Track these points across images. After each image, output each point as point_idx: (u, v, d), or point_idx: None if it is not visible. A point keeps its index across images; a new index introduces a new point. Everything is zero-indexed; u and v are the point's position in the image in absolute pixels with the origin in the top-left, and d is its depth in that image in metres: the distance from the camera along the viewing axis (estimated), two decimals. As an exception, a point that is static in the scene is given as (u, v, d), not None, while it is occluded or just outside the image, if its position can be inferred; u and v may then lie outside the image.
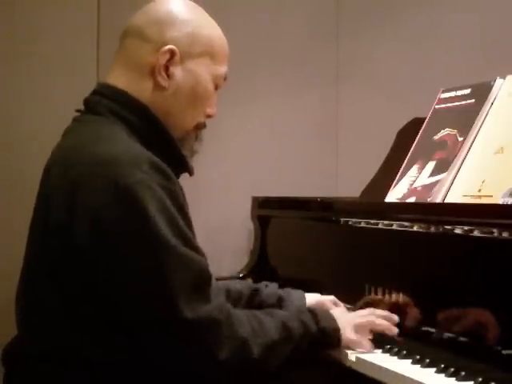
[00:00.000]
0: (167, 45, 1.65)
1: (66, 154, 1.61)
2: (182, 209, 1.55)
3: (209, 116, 1.74)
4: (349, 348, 1.71)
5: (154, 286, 1.47)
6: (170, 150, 1.65)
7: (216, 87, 1.73)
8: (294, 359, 1.63)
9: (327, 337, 1.68)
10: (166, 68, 1.65)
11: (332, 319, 1.71)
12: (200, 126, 1.74)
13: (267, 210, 2.66)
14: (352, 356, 1.69)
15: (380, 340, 1.74)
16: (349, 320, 1.74)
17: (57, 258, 1.53)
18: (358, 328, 1.73)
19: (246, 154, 3.07)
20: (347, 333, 1.71)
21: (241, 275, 2.55)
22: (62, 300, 1.53)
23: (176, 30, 1.66)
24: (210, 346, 1.49)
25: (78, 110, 1.72)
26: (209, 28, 1.71)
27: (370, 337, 1.74)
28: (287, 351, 1.61)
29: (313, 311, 1.70)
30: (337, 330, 1.69)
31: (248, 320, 1.57)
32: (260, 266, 2.59)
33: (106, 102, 1.64)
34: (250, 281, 2.15)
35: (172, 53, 1.65)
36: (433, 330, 1.73)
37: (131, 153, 1.54)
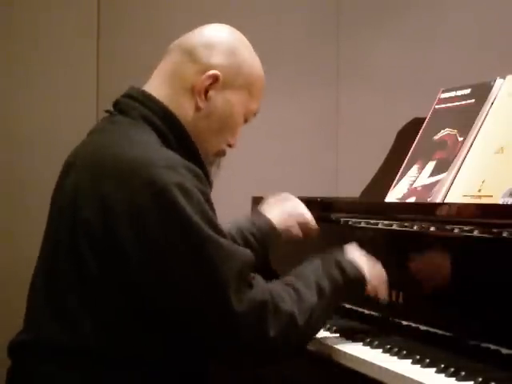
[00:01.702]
0: (213, 69, 1.70)
1: (98, 152, 1.63)
2: (213, 210, 1.60)
3: (230, 145, 1.80)
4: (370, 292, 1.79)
5: (205, 280, 1.52)
6: (195, 162, 1.67)
7: (245, 121, 1.80)
8: (328, 313, 1.71)
9: (353, 287, 1.75)
10: (206, 91, 1.70)
11: (357, 268, 1.76)
12: (220, 153, 1.80)
13: (267, 210, 2.65)
14: (352, 356, 1.69)
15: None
16: (369, 266, 1.80)
17: (87, 255, 1.54)
18: (375, 276, 1.81)
19: (246, 154, 3.06)
20: (369, 279, 1.77)
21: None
22: (89, 297, 1.54)
23: (224, 59, 1.72)
24: (260, 327, 1.55)
25: (106, 111, 1.75)
26: (253, 64, 1.78)
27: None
28: (324, 310, 1.67)
29: (339, 263, 1.74)
30: (362, 278, 1.76)
31: (286, 291, 1.63)
32: (260, 267, 2.58)
33: (139, 107, 1.68)
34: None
35: (215, 78, 1.70)
36: (433, 329, 1.74)
37: (166, 155, 1.59)
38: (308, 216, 2.07)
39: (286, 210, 2.06)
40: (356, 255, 1.80)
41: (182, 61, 1.72)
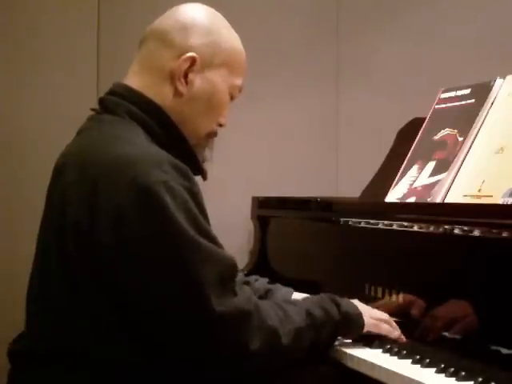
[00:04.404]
0: (189, 52, 1.67)
1: (84, 152, 1.61)
2: (203, 209, 1.56)
3: (220, 125, 1.77)
4: (370, 331, 1.73)
5: (183, 283, 1.48)
6: (186, 155, 1.66)
7: (231, 98, 1.76)
8: (319, 346, 1.65)
9: (351, 321, 1.70)
10: (185, 75, 1.68)
11: (354, 305, 1.73)
12: (211, 135, 1.77)
13: (267, 210, 2.66)
14: (352, 356, 1.69)
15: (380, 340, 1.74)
16: (366, 308, 1.76)
17: (74, 257, 1.53)
18: (374, 316, 1.76)
19: (246, 154, 3.07)
20: (367, 317, 1.73)
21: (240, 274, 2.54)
22: (77, 299, 1.53)
23: (199, 39, 1.69)
24: (241, 337, 1.50)
25: (92, 109, 1.73)
26: (231, 40, 1.74)
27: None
28: (312, 338, 1.62)
29: (334, 298, 1.71)
30: (360, 314, 1.71)
31: (273, 309, 1.59)
32: (260, 266, 2.59)
33: (125, 104, 1.66)
34: (265, 280, 2.14)
35: (193, 60, 1.67)
36: (433, 330, 1.74)
37: (152, 153, 1.56)
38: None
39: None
40: (354, 300, 1.76)
41: (157, 47, 1.69)
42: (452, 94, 2.14)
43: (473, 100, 2.04)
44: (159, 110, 1.66)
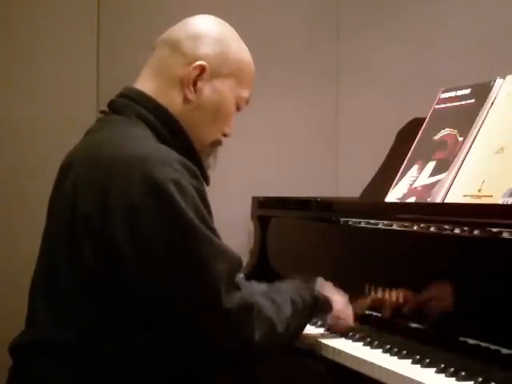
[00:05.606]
0: (199, 60, 1.71)
1: (93, 151, 1.64)
2: (209, 208, 1.61)
3: (225, 135, 1.80)
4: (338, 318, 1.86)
5: (196, 277, 1.52)
6: (193, 160, 1.68)
7: (237, 109, 1.80)
8: (298, 330, 1.74)
9: (320, 304, 1.80)
10: (195, 82, 1.71)
11: (323, 295, 1.83)
12: (216, 143, 1.80)
13: (267, 209, 2.66)
14: (352, 356, 1.69)
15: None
16: (337, 296, 1.87)
17: (85, 252, 1.55)
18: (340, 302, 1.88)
19: (246, 154, 3.07)
20: (336, 305, 1.85)
21: (241, 275, 2.54)
22: (88, 294, 1.55)
23: (210, 48, 1.73)
24: (246, 329, 1.57)
25: (101, 111, 1.76)
26: (240, 52, 1.78)
27: None
28: (296, 324, 1.71)
29: (309, 288, 1.80)
30: (327, 298, 1.82)
31: (266, 299, 1.65)
32: (260, 266, 2.59)
33: (135, 106, 1.69)
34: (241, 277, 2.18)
35: (202, 69, 1.71)
36: (433, 329, 1.74)
37: (163, 152, 1.60)
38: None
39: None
40: (324, 285, 1.85)
41: (168, 54, 1.73)
42: (452, 93, 2.14)
43: (473, 100, 2.04)
44: (169, 115, 1.69)
